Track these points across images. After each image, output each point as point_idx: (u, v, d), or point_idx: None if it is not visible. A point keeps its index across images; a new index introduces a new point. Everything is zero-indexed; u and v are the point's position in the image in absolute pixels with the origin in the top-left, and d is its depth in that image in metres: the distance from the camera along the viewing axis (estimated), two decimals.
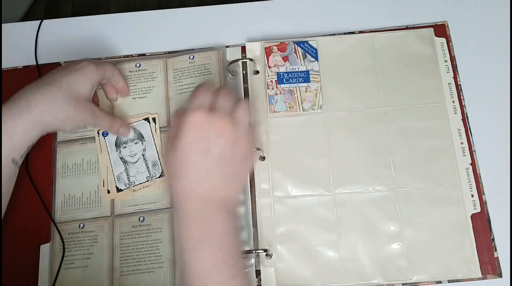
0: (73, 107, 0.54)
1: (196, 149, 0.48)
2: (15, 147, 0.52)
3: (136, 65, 0.65)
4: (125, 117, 0.62)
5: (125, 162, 0.60)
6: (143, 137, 0.61)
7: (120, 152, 0.60)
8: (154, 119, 0.61)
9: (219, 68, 0.63)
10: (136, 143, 0.61)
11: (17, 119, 0.51)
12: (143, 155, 0.60)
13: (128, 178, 0.59)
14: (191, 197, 0.48)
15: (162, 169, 0.60)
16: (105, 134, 0.60)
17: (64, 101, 0.53)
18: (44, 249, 0.58)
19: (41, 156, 0.61)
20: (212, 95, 0.51)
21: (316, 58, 0.64)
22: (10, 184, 0.55)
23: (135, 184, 0.59)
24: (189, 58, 0.64)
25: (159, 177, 0.59)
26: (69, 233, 0.58)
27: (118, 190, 0.59)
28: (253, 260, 0.56)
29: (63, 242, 0.57)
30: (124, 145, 0.60)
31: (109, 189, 0.59)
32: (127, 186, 0.59)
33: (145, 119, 0.61)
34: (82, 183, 0.60)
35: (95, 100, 0.62)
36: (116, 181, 0.59)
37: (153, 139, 0.60)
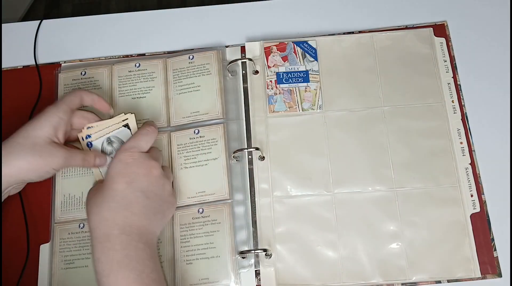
0: (32, 155, 0.51)
1: (122, 180, 0.51)
2: None
3: (135, 65, 0.65)
4: (103, 125, 0.58)
5: None
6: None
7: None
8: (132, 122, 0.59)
9: (219, 68, 0.63)
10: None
11: None
12: None
13: None
14: (111, 222, 0.49)
15: None
16: (89, 145, 0.58)
17: (21, 149, 0.51)
18: (44, 249, 0.58)
19: None
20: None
21: (316, 58, 0.64)
22: None
23: None
24: (189, 58, 0.64)
25: None
26: (69, 233, 0.58)
27: None
28: (252, 260, 0.56)
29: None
30: (111, 156, 0.59)
31: None
32: None
33: (124, 126, 0.59)
34: (81, 183, 0.60)
35: (71, 138, 0.58)
36: None
37: None
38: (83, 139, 0.57)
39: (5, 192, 0.53)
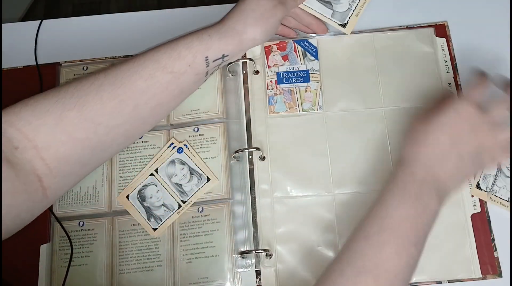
0: (263, 18, 0.57)
1: (447, 131, 0.49)
2: (210, 47, 0.55)
3: None
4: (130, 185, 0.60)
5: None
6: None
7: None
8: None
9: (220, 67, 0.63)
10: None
11: (213, 27, 0.56)
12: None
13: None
14: (421, 164, 0.49)
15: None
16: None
17: (255, 15, 0.56)
18: (44, 249, 0.57)
19: None
20: (487, 92, 0.51)
21: (316, 57, 0.63)
22: (192, 87, 0.57)
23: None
24: None
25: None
26: (69, 231, 0.58)
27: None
28: (252, 260, 0.56)
29: (69, 238, 0.58)
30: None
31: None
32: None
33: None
34: None
35: None
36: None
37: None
38: None
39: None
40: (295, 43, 0.64)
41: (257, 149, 0.60)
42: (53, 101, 0.49)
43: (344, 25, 0.63)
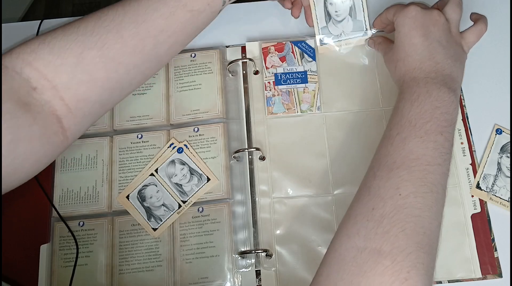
0: None
1: (416, 34, 0.52)
2: None
3: None
4: (130, 185, 0.60)
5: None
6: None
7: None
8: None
9: (220, 67, 0.63)
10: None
11: None
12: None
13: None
14: (418, 69, 0.52)
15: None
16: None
17: None
18: (44, 249, 0.57)
19: None
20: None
21: (314, 58, 0.63)
22: (206, 24, 0.57)
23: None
24: (191, 56, 0.64)
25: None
26: (68, 231, 0.58)
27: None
28: (252, 260, 0.56)
29: (74, 237, 0.58)
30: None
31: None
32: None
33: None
34: (80, 178, 0.60)
35: None
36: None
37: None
38: None
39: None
40: (293, 44, 0.64)
41: (257, 149, 0.60)
42: (73, 39, 0.48)
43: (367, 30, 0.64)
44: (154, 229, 0.58)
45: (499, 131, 0.60)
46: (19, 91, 0.44)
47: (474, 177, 0.58)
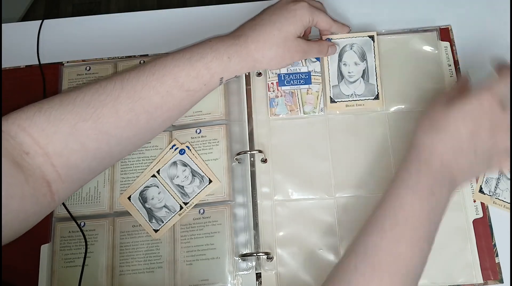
0: (282, 47, 0.56)
1: (468, 124, 0.47)
2: (227, 70, 0.55)
3: (140, 63, 0.65)
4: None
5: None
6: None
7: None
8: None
9: None
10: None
11: (234, 47, 0.55)
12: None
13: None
14: (437, 154, 0.47)
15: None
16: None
17: (274, 41, 0.56)
18: (44, 249, 0.57)
19: None
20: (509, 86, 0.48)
21: (318, 58, 0.63)
22: (200, 100, 0.58)
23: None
24: None
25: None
26: (69, 232, 0.58)
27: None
28: (253, 263, 0.56)
29: (84, 235, 0.58)
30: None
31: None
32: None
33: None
34: None
35: (306, 32, 0.64)
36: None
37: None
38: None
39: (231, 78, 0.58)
40: None
41: (259, 151, 0.59)
42: (69, 110, 0.49)
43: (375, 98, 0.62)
44: (155, 231, 0.57)
45: None
46: (13, 153, 0.46)
47: (476, 182, 0.58)
